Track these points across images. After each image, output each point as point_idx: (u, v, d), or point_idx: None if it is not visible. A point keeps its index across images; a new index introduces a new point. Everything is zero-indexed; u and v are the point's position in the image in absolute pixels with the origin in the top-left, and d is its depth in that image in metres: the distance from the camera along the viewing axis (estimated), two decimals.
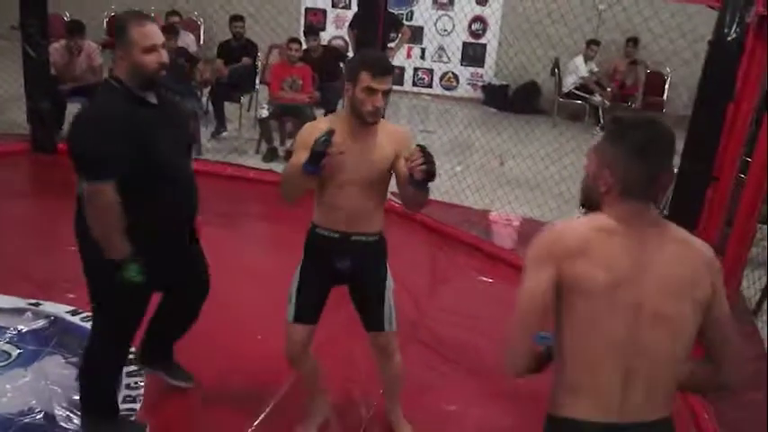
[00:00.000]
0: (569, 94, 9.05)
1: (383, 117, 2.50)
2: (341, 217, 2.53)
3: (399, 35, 7.38)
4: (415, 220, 5.33)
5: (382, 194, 2.60)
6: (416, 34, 9.76)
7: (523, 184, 6.28)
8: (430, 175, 2.30)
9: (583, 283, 1.58)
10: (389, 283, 2.73)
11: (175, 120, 2.62)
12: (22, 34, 5.92)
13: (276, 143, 6.86)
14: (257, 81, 7.64)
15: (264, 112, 6.74)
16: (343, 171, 2.45)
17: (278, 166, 6.33)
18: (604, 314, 1.58)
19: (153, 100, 2.51)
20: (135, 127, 2.38)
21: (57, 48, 6.32)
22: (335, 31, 10.08)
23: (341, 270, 2.62)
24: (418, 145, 2.32)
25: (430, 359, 3.53)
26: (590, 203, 1.71)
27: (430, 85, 10.53)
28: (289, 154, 6.73)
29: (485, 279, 4.52)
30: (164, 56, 2.43)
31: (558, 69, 9.14)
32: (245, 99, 7.52)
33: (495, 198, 5.81)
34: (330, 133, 2.29)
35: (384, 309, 2.69)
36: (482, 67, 10.30)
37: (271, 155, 6.69)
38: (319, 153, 2.28)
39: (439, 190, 6.04)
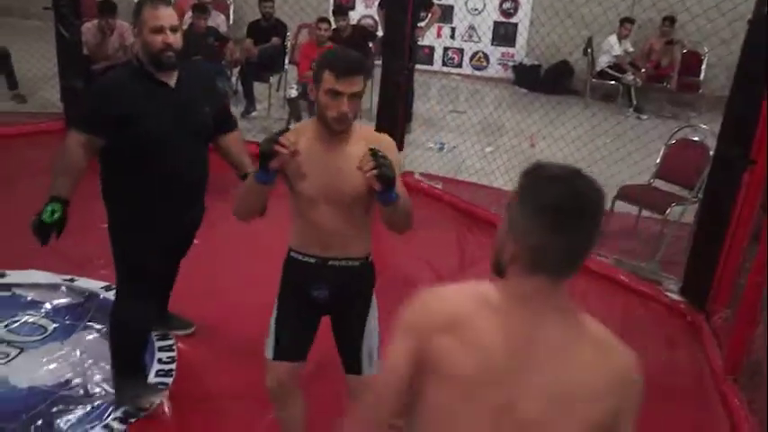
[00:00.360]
0: (602, 74, 8.93)
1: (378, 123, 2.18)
2: (316, 239, 2.21)
3: (429, 14, 7.33)
4: (444, 201, 5.34)
5: (364, 214, 2.23)
6: (446, 13, 9.70)
7: None
8: (385, 179, 1.97)
9: (444, 367, 1.26)
10: (372, 319, 2.36)
11: (188, 103, 2.69)
12: (54, 14, 6.00)
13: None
14: (286, 61, 7.66)
15: (293, 92, 6.77)
16: (312, 185, 2.13)
17: None
18: (465, 412, 1.25)
19: (169, 80, 2.62)
20: (131, 99, 2.56)
21: (89, 27, 6.39)
22: (365, 10, 10.04)
23: (318, 299, 2.26)
24: (370, 149, 2.02)
25: None
26: (499, 271, 1.34)
27: (460, 65, 10.46)
28: None
29: None
30: (171, 38, 2.54)
31: (592, 49, 9.01)
32: (274, 79, 7.55)
33: None
34: (280, 132, 2.05)
35: (362, 350, 2.32)
36: (513, 46, 10.19)
37: None
38: (265, 153, 2.03)
39: (469, 171, 6.04)
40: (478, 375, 1.24)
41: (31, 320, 3.34)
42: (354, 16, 9.32)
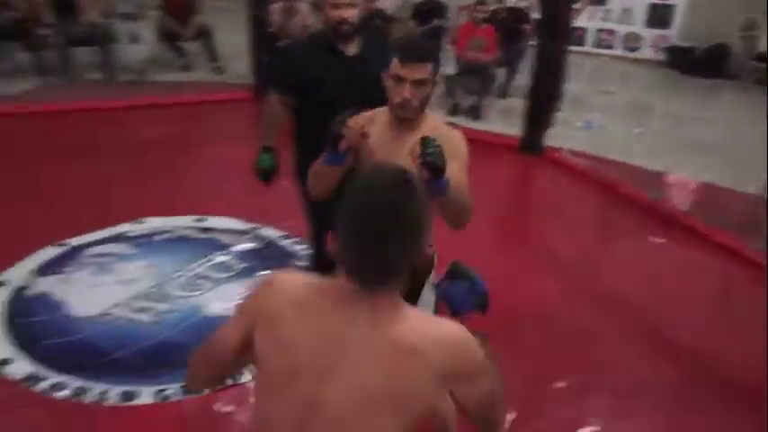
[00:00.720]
0: (763, 58, 8.11)
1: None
2: None
3: None
4: (590, 178, 5.16)
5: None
6: None
7: (702, 148, 5.81)
8: (430, 167, 1.73)
9: (261, 358, 1.25)
10: (423, 304, 2.08)
11: (363, 73, 2.70)
12: None
13: (459, 99, 6.86)
14: (445, 41, 7.63)
15: (450, 70, 6.75)
16: None
17: (460, 121, 6.35)
18: (275, 401, 1.22)
19: (347, 51, 2.72)
20: (311, 65, 2.69)
21: (276, 8, 6.71)
22: None
23: None
24: (422, 137, 1.77)
25: (595, 312, 3.45)
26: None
27: (611, 46, 9.93)
28: (471, 109, 6.75)
29: (657, 240, 4.29)
30: (347, 13, 2.64)
31: (754, 31, 8.20)
32: None
33: (672, 161, 5.43)
34: (349, 114, 1.90)
35: None
36: (668, 28, 9.51)
37: (454, 109, 6.71)
38: (334, 133, 1.87)
39: (615, 150, 5.77)
40: (285, 372, 1.20)
41: (222, 260, 3.63)
42: None
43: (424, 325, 1.24)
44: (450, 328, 1.24)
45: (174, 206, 4.10)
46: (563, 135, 5.99)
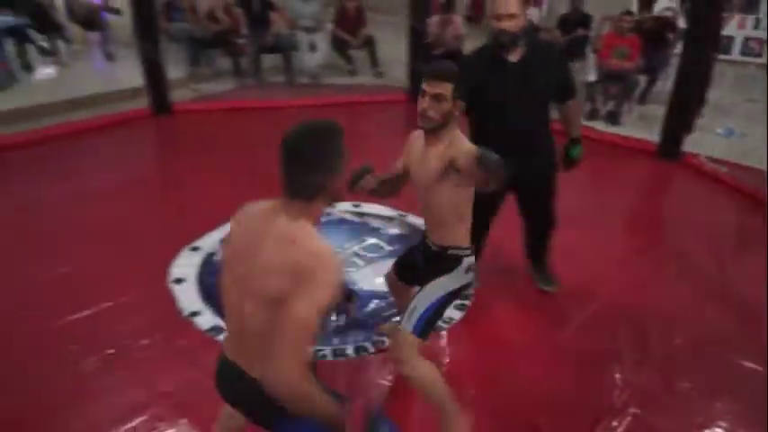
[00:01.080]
0: None
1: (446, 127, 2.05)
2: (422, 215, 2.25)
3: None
4: (726, 183, 4.65)
5: (445, 208, 2.09)
6: (753, 2, 8.19)
7: None
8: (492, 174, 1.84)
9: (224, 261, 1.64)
10: (431, 291, 2.14)
11: (525, 75, 2.72)
12: (410, 10, 6.39)
13: (598, 105, 6.46)
14: (589, 49, 7.20)
15: (591, 77, 6.37)
16: (412, 174, 2.20)
17: (598, 124, 5.99)
18: (226, 278, 1.60)
19: (510, 57, 2.71)
20: (479, 73, 2.68)
21: (434, 21, 6.69)
22: (668, 2, 8.93)
23: (417, 259, 2.31)
24: (477, 155, 1.85)
25: (726, 318, 3.10)
26: None
27: (760, 55, 8.83)
28: (610, 115, 6.32)
29: None
30: (504, 24, 2.62)
31: None
32: (575, 65, 7.16)
33: None
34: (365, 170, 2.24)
35: (409, 307, 2.15)
36: None
37: (592, 114, 6.33)
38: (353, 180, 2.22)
39: (757, 158, 5.15)
40: (231, 257, 1.58)
41: (374, 242, 3.69)
42: (658, 8, 8.36)
43: (311, 236, 1.47)
44: (327, 252, 1.44)
45: None
46: (702, 141, 5.44)
